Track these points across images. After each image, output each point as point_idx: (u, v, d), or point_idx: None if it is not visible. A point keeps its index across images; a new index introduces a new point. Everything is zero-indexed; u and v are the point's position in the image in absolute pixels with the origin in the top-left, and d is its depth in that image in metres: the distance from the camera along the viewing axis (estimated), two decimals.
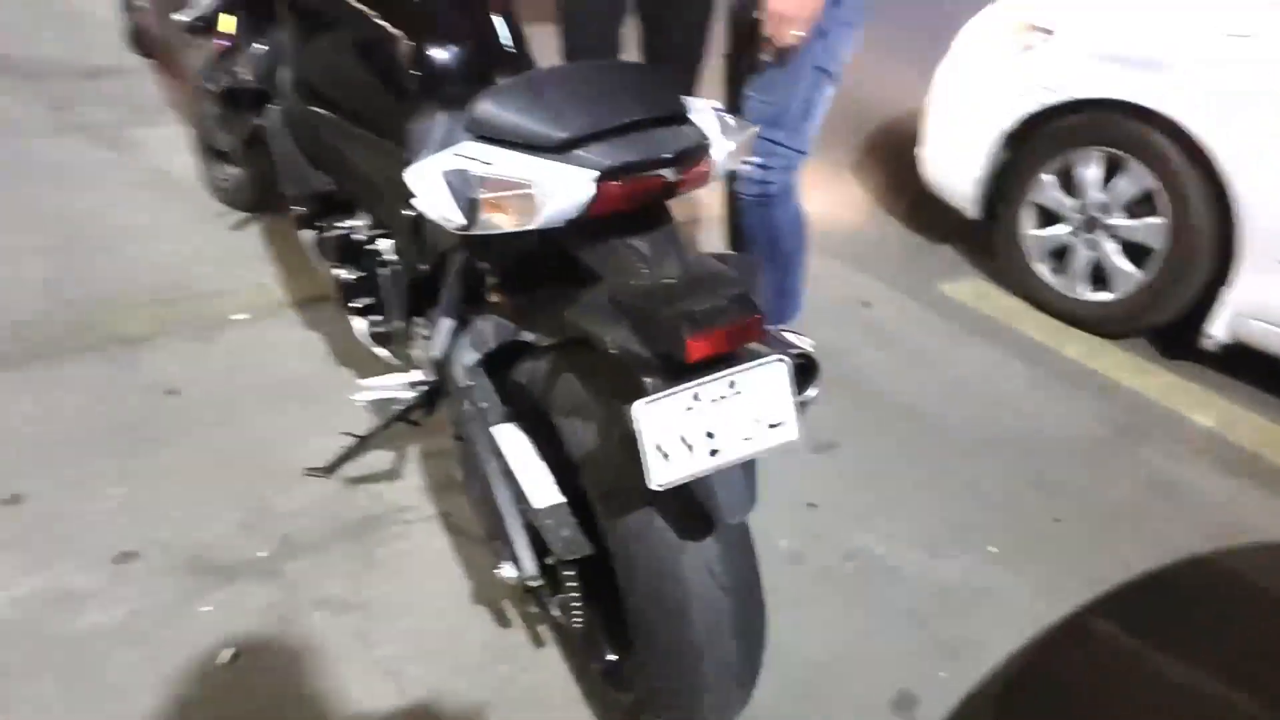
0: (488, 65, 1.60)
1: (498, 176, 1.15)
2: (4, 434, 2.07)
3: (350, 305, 1.92)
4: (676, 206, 1.30)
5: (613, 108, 1.18)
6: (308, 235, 2.03)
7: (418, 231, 1.64)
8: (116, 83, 3.65)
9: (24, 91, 3.52)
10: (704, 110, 1.27)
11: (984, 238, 3.31)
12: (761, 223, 2.21)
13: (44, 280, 2.57)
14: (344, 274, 1.89)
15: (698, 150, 1.21)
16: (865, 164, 4.12)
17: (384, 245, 1.81)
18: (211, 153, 2.88)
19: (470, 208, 1.16)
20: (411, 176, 1.24)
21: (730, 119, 1.29)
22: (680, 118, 1.24)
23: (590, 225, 1.18)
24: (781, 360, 1.15)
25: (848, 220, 3.67)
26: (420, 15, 1.64)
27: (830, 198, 3.82)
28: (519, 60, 1.67)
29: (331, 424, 2.01)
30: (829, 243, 3.41)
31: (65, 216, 2.85)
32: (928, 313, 3.03)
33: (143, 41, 3.74)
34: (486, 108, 1.21)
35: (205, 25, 2.00)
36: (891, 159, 4.01)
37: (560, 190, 1.12)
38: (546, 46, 2.07)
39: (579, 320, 1.20)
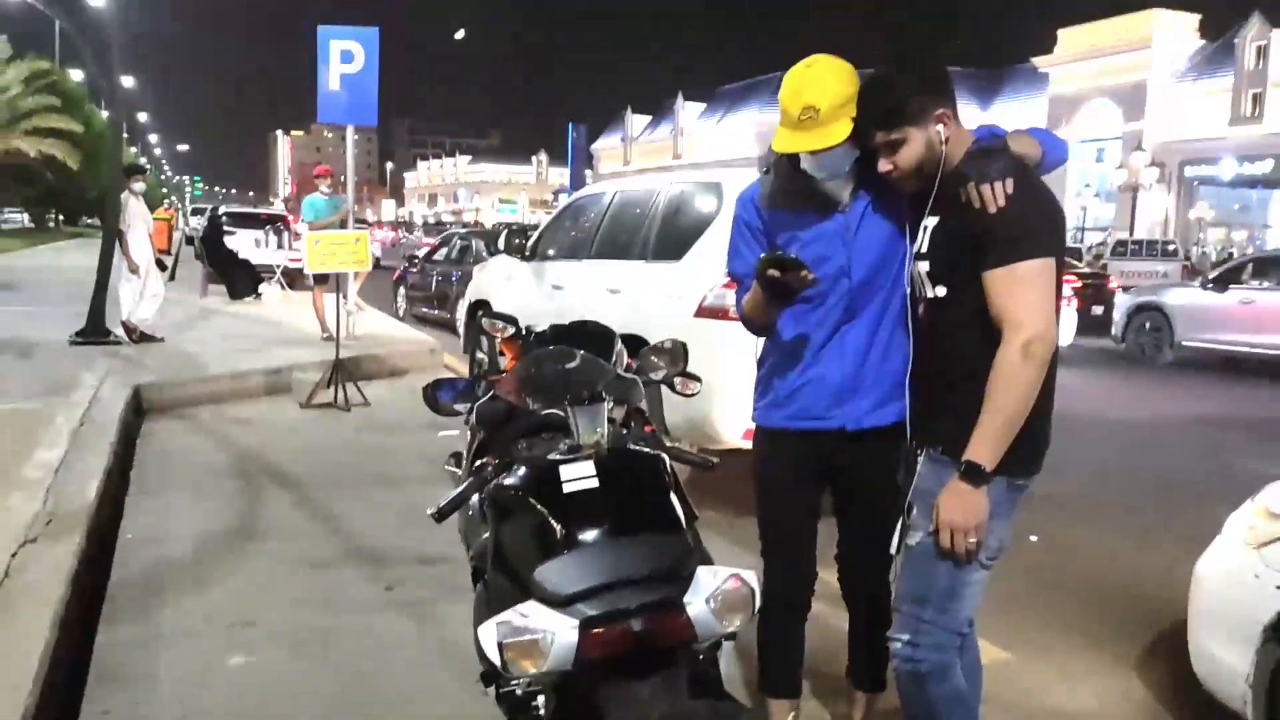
0: None
1: (519, 626, 1.42)
2: None
3: None
4: None
5: (614, 568, 1.44)
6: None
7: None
8: (445, 568, 4.35)
9: (370, 573, 4.33)
10: (708, 572, 1.49)
11: None
12: (917, 699, 2.22)
13: None
14: None
15: (667, 605, 1.41)
16: (1150, 660, 3.84)
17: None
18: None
19: (500, 653, 1.42)
20: (481, 632, 1.53)
21: (734, 584, 1.49)
22: (670, 577, 1.46)
23: (601, 669, 1.39)
24: None
25: (1113, 717, 3.39)
26: (550, 530, 2.03)
27: (1101, 690, 3.57)
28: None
29: None
30: None
31: (362, 676, 3.38)
32: None
33: None
34: (539, 572, 1.51)
35: (441, 518, 2.52)
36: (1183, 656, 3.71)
37: (558, 636, 1.36)
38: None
39: None
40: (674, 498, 2.30)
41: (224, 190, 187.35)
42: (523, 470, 2.30)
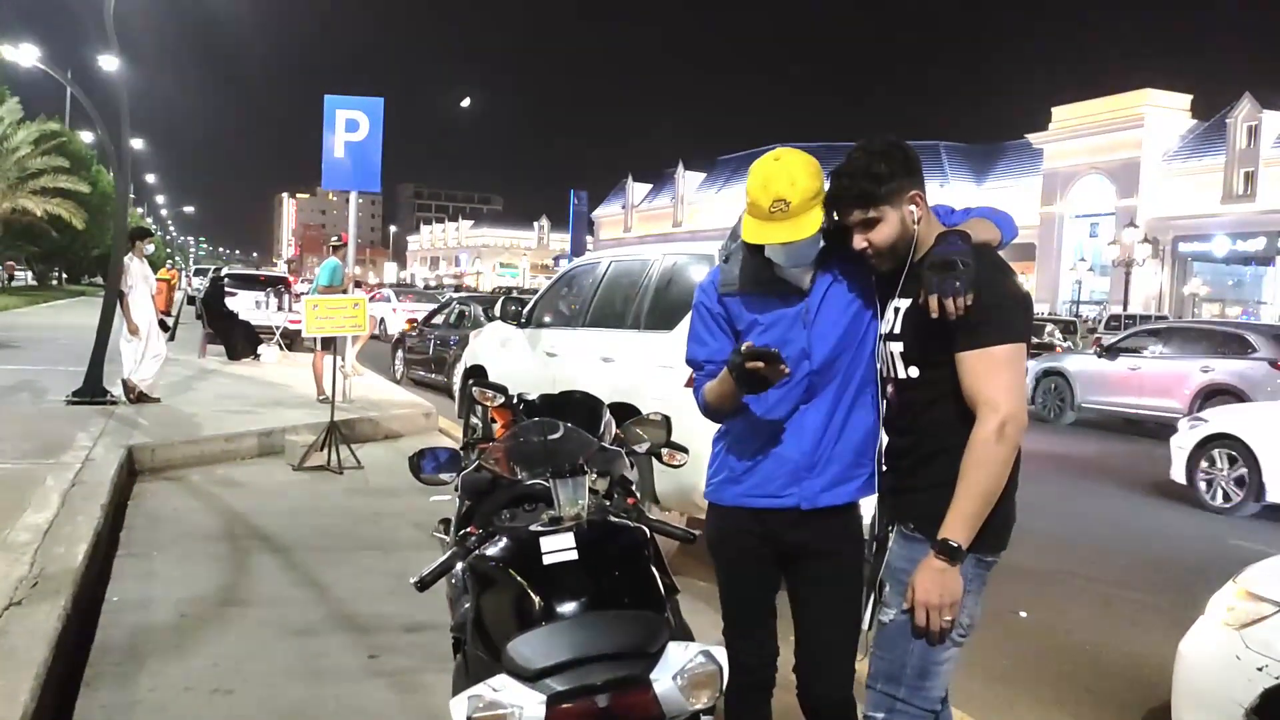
0: None
1: (489, 700, 1.44)
2: None
3: None
4: None
5: (584, 644, 1.46)
6: None
7: None
8: (431, 635, 4.33)
9: (354, 641, 4.30)
10: (678, 649, 1.52)
11: None
12: None
13: None
14: None
15: (634, 682, 1.44)
16: None
17: None
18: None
19: None
20: (453, 705, 1.55)
21: (702, 661, 1.51)
22: (638, 653, 1.49)
23: None
24: None
25: None
26: (528, 601, 2.05)
27: None
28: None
29: None
30: None
31: None
32: None
33: None
34: (511, 645, 1.53)
35: (423, 587, 2.53)
36: None
37: (525, 712, 1.38)
38: None
39: None
40: (654, 570, 2.32)
41: (227, 251, 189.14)
42: (504, 541, 2.33)
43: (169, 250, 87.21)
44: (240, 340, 15.91)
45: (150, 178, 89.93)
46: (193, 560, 5.36)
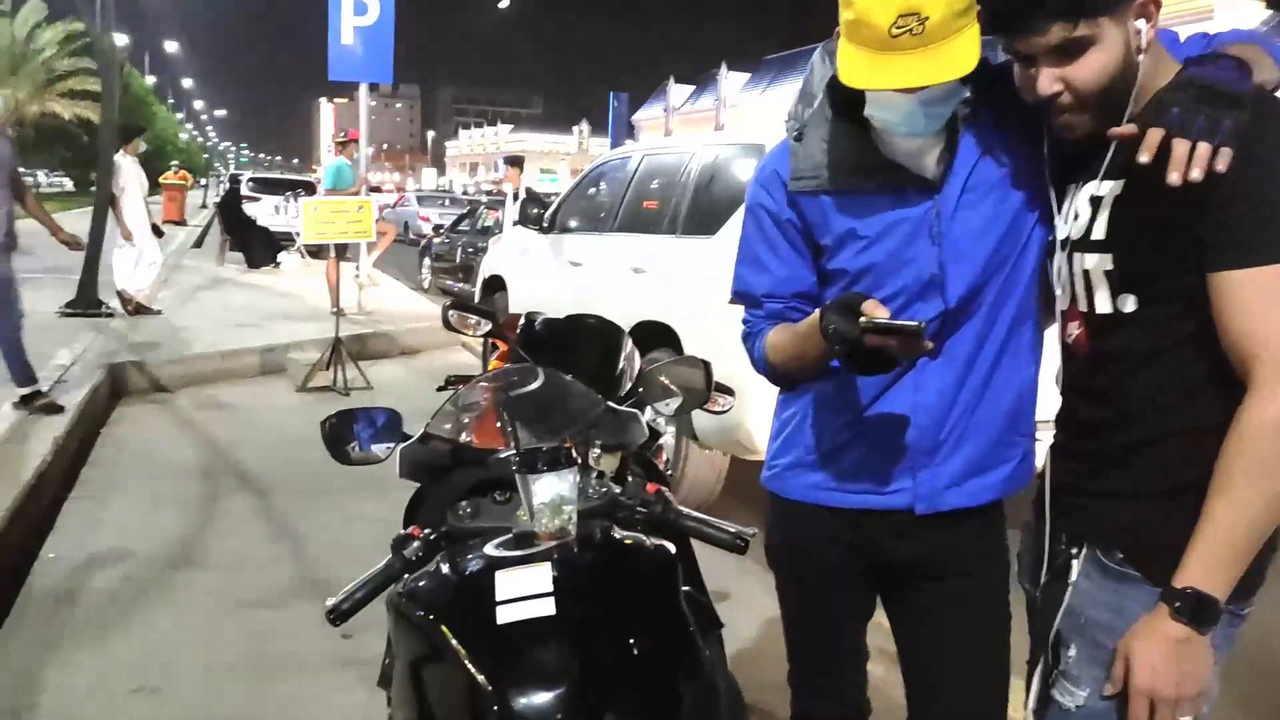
0: None
1: None
2: None
3: None
4: None
5: None
6: None
7: None
8: None
9: (321, 616, 3.52)
10: None
11: None
12: None
13: None
14: None
15: None
16: None
17: None
18: None
19: None
20: None
21: None
22: None
23: None
24: None
25: None
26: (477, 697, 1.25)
27: None
28: None
29: None
30: None
31: None
32: None
33: None
34: None
35: (339, 619, 1.72)
36: None
37: None
38: None
39: None
40: (687, 615, 1.46)
41: (268, 158, 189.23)
42: (443, 572, 1.49)
43: (206, 156, 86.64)
44: (258, 248, 15.14)
45: (187, 82, 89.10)
46: (154, 505, 4.61)
